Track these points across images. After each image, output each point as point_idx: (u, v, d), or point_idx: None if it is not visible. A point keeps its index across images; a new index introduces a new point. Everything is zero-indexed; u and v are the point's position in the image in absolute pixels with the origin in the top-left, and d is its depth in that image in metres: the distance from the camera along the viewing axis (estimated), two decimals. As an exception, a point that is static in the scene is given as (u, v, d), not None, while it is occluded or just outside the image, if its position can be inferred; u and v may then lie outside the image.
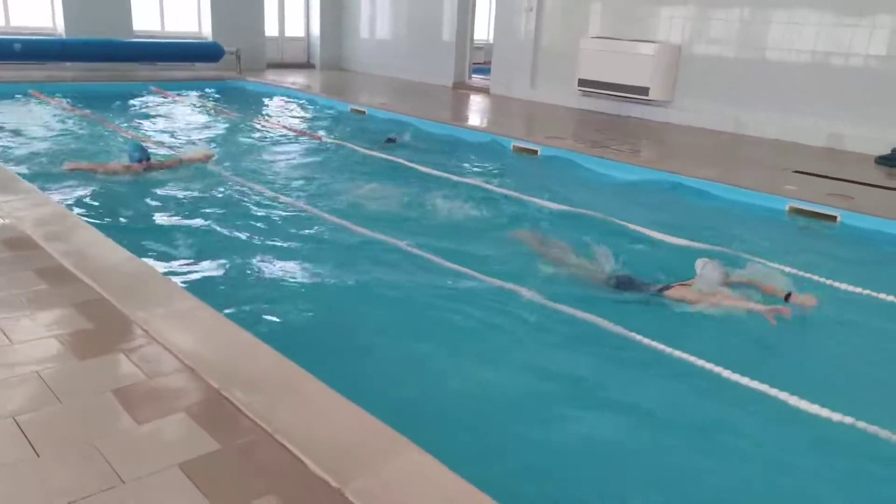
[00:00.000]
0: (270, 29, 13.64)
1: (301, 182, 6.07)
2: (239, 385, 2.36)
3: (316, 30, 14.09)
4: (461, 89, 11.94)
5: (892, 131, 7.42)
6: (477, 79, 12.25)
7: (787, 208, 5.62)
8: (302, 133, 8.18)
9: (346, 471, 1.96)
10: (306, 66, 14.19)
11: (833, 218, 5.38)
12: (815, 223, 5.43)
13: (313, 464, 1.98)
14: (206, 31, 12.70)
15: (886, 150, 7.33)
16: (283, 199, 5.36)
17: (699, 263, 3.78)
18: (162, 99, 10.02)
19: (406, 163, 6.74)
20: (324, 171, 6.47)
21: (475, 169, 6.85)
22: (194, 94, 10.65)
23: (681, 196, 6.08)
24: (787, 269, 4.25)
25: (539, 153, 7.33)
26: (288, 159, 6.97)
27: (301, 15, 14.14)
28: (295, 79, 12.16)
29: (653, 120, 9.41)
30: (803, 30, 8.07)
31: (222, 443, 2.06)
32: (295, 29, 14.18)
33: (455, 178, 6.26)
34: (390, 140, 7.54)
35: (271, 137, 7.97)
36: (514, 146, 7.57)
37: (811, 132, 8.11)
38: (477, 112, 10.12)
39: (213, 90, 11.08)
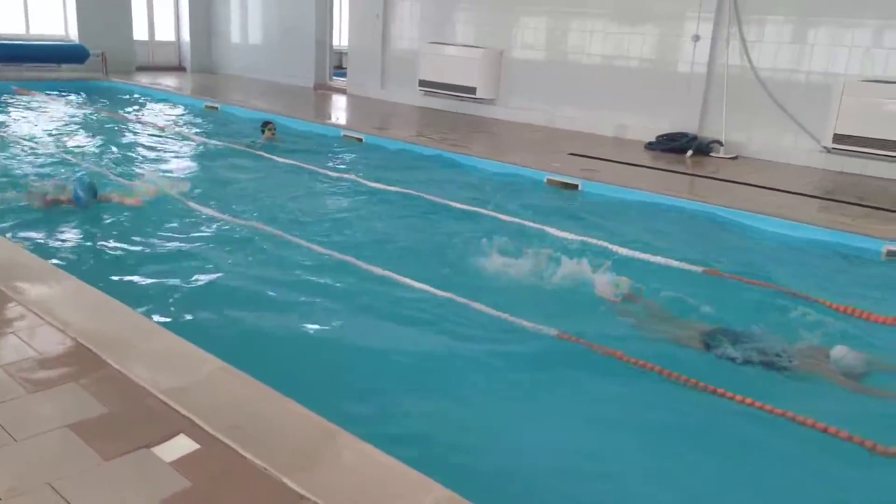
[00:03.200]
0: (141, 33, 14.21)
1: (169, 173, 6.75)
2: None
3: (186, 34, 14.72)
4: (321, 90, 12.93)
5: (661, 123, 8.91)
6: (338, 80, 13.25)
7: (545, 180, 6.92)
8: (146, 124, 8.96)
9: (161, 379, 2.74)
10: (177, 69, 14.80)
11: (575, 186, 6.71)
12: (563, 191, 6.75)
13: (138, 378, 2.62)
14: (74, 34, 13.14)
15: (653, 138, 8.82)
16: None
17: (838, 352, 3.38)
18: (26, 98, 10.50)
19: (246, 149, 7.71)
20: (187, 164, 7.34)
21: (305, 153, 7.86)
22: (56, 93, 11.16)
23: (466, 172, 7.30)
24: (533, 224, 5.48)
25: (363, 140, 8.45)
26: (144, 152, 7.69)
27: (171, 19, 14.75)
28: (157, 80, 12.80)
29: (482, 116, 10.67)
30: (594, 37, 9.52)
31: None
32: (165, 33, 14.77)
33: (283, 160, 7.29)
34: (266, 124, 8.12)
35: (122, 130, 8.72)
36: (343, 135, 8.68)
37: (604, 124, 9.55)
38: (323, 108, 11.15)
39: (71, 90, 11.54)
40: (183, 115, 10.18)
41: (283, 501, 2.01)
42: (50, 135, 8.08)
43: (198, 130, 8.95)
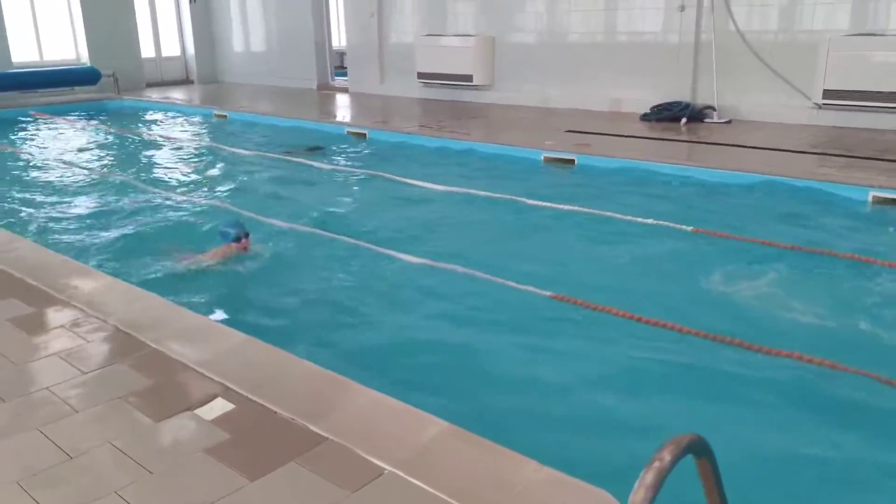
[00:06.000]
0: (148, 50, 14.65)
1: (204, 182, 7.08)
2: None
3: (191, 48, 15.14)
4: (324, 90, 13.29)
5: (654, 94, 9.13)
6: (339, 80, 13.60)
7: (542, 158, 7.21)
8: (163, 138, 9.39)
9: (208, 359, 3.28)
10: (185, 82, 15.23)
11: (572, 161, 6.99)
12: (560, 166, 7.04)
13: (182, 357, 3.29)
14: (85, 57, 13.60)
15: (647, 110, 9.05)
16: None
17: None
18: (43, 123, 10.97)
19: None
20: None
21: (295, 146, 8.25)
22: (73, 115, 11.63)
23: (462, 156, 7.63)
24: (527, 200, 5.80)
25: (367, 135, 8.81)
26: (168, 166, 8.06)
27: (175, 35, 15.17)
28: (167, 94, 13.23)
29: (480, 102, 10.95)
30: (585, 14, 9.75)
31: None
32: (171, 49, 15.20)
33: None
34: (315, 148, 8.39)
35: (140, 146, 9.15)
36: (347, 131, 9.04)
37: (598, 99, 9.79)
38: (324, 107, 11.51)
39: (85, 111, 12.00)
40: (195, 125, 10.58)
41: (309, 443, 2.35)
42: (74, 158, 8.47)
43: (208, 139, 9.35)
